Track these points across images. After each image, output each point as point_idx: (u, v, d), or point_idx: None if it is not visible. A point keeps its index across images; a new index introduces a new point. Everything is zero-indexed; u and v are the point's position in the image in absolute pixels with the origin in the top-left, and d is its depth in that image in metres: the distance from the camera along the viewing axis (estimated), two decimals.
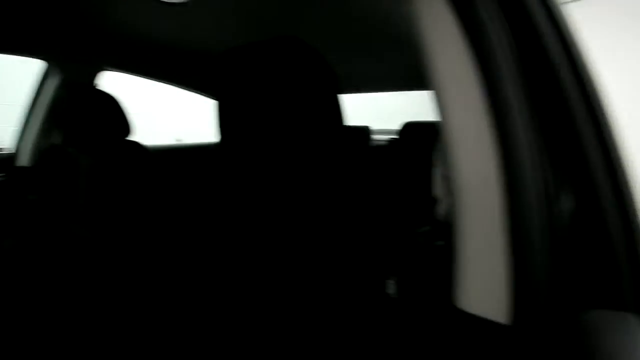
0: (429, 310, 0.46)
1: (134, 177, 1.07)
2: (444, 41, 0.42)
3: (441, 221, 0.46)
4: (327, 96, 0.56)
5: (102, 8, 1.03)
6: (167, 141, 2.17)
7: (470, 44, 0.37)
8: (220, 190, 0.64)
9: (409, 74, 1.68)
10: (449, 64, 0.39)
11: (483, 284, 0.33)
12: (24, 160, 1.36)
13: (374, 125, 2.21)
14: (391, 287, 0.46)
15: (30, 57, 1.29)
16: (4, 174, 1.34)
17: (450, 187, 0.41)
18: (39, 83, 1.39)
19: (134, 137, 1.17)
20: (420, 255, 0.48)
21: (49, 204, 1.21)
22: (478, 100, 0.37)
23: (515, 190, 0.33)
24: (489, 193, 0.36)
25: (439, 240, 0.46)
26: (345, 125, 0.59)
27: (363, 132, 2.11)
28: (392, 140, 2.08)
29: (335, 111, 0.57)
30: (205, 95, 2.03)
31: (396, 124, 2.10)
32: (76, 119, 1.05)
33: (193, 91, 1.96)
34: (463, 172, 0.39)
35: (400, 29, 1.10)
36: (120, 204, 1.01)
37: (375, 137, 2.28)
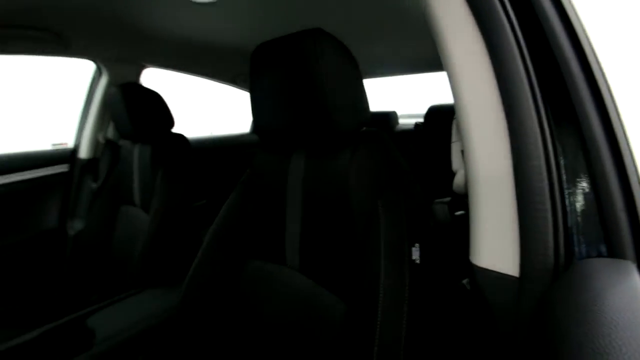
0: (448, 272, 0.51)
1: (181, 165, 1.18)
2: (457, 26, 0.46)
3: (459, 193, 0.51)
4: (354, 83, 0.61)
5: (142, 12, 1.12)
6: (203, 134, 2.30)
7: (483, 30, 0.41)
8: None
9: (428, 57, 1.67)
10: (462, 50, 0.43)
11: (497, 243, 0.38)
12: (84, 152, 1.53)
13: (401, 110, 2.22)
14: (415, 253, 0.52)
15: (81, 58, 1.44)
16: (68, 165, 1.52)
17: (465, 161, 0.46)
18: (91, 83, 1.55)
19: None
20: (441, 223, 0.53)
21: (108, 191, 1.37)
22: (490, 83, 0.40)
23: (521, 159, 0.37)
24: (501, 166, 0.40)
25: (458, 209, 0.51)
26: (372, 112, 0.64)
27: (389, 117, 2.13)
28: (418, 124, 2.08)
29: (363, 97, 0.63)
30: (237, 87, 2.13)
31: (423, 108, 2.09)
32: (127, 115, 1.17)
33: (226, 83, 2.05)
34: (477, 147, 0.44)
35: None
36: (170, 189, 1.12)
37: (403, 121, 2.29)
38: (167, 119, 1.23)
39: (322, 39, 0.57)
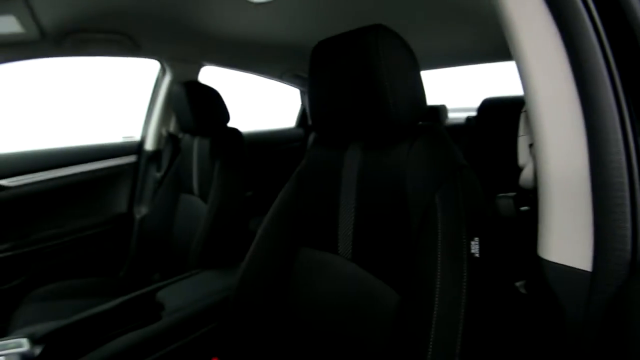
0: (508, 268, 0.50)
1: (236, 157, 1.26)
2: (529, 15, 0.44)
3: (526, 188, 0.50)
4: (413, 78, 0.61)
5: (203, 15, 1.21)
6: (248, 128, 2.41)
7: (558, 19, 0.39)
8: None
9: (485, 47, 1.59)
10: (535, 41, 0.41)
11: (569, 237, 0.37)
12: (149, 145, 1.68)
13: (450, 103, 2.14)
14: (474, 247, 0.51)
15: (148, 59, 1.58)
16: (136, 156, 1.69)
17: (535, 155, 0.45)
18: (156, 81, 1.70)
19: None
20: (505, 218, 0.52)
21: (169, 180, 1.49)
22: (567, 76, 0.39)
23: (600, 154, 0.35)
24: (576, 161, 0.39)
25: (523, 205, 0.50)
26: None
27: (438, 111, 2.06)
28: (470, 118, 2.00)
29: (421, 91, 0.63)
30: (283, 83, 2.20)
31: (473, 101, 2.00)
32: (189, 110, 1.27)
33: (273, 80, 2.13)
34: (551, 141, 0.42)
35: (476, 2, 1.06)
36: (226, 179, 1.20)
37: (452, 115, 2.20)
38: (225, 113, 1.31)
39: (384, 35, 0.58)
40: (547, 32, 0.43)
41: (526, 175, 0.49)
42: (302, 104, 2.52)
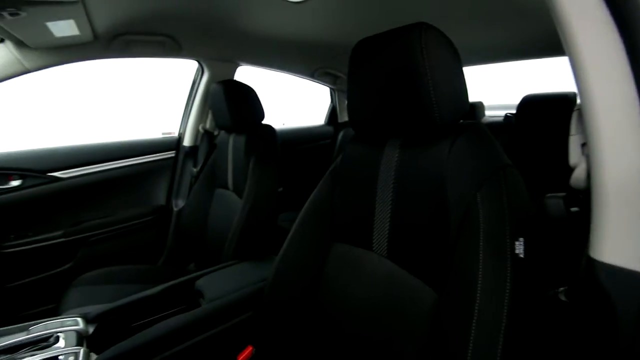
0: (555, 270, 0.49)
1: (270, 153, 1.29)
2: (586, 11, 0.42)
3: (577, 188, 0.48)
4: (456, 76, 0.60)
5: (240, 15, 1.24)
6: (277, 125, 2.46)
7: (617, 16, 0.37)
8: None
9: (527, 43, 1.52)
10: (592, 39, 0.40)
11: (626, 238, 0.36)
12: (187, 141, 1.76)
13: (487, 100, 2.07)
14: (519, 248, 0.50)
15: (188, 59, 1.65)
16: (173, 152, 1.77)
17: (588, 154, 0.43)
18: (194, 80, 1.77)
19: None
20: (553, 218, 0.50)
21: (205, 175, 1.56)
22: (625, 75, 0.37)
23: None
24: (636, 161, 0.37)
25: (573, 206, 0.48)
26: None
27: (475, 108, 2.00)
28: (509, 116, 1.92)
29: (464, 89, 0.62)
30: (314, 81, 2.21)
31: (510, 98, 1.92)
32: (227, 108, 1.31)
33: (305, 78, 2.15)
34: (608, 142, 0.41)
35: None
36: (261, 175, 1.23)
37: (489, 113, 2.13)
38: (260, 111, 1.35)
39: (428, 33, 0.57)
40: (605, 28, 0.41)
41: (578, 175, 0.47)
42: (332, 102, 2.53)
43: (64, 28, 1.02)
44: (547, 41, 1.39)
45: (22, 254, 1.37)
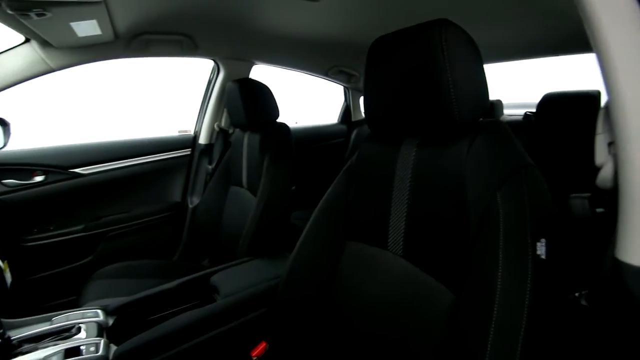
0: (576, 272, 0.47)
1: (285, 152, 1.29)
2: (615, 5, 0.41)
3: (604, 188, 0.46)
4: (477, 73, 0.59)
5: (256, 14, 1.25)
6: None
7: None
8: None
9: (550, 39, 1.48)
10: (620, 32, 0.38)
11: None
12: (202, 139, 1.79)
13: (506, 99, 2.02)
14: (540, 249, 0.49)
15: (204, 58, 1.68)
16: (190, 149, 1.80)
17: (615, 153, 0.42)
18: (210, 79, 1.79)
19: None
20: (578, 219, 0.49)
21: (220, 173, 1.58)
22: None
23: None
24: None
25: (599, 207, 0.46)
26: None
27: (493, 106, 1.96)
28: (529, 114, 1.87)
29: (484, 87, 0.61)
30: (328, 79, 2.21)
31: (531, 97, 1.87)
32: (242, 106, 1.33)
33: (318, 76, 2.15)
34: (636, 143, 0.39)
35: None
36: (275, 173, 1.24)
37: (508, 112, 2.08)
38: (275, 109, 1.36)
39: (448, 29, 0.56)
40: (635, 23, 0.40)
41: (605, 175, 0.46)
42: (346, 101, 2.52)
43: (87, 28, 1.05)
44: (572, 38, 1.35)
45: (44, 248, 1.42)
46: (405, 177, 0.67)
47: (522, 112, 1.99)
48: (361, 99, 2.57)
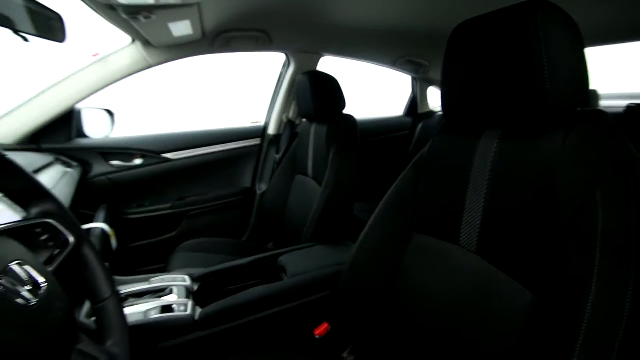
0: None
1: (351, 143, 1.31)
2: None
3: None
4: (578, 58, 0.54)
5: (326, 6, 1.27)
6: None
7: None
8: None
9: None
10: None
11: None
12: (271, 129, 1.89)
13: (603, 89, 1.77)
14: None
15: (277, 52, 1.76)
16: (259, 139, 1.93)
17: None
18: (281, 71, 1.88)
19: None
20: None
21: (286, 162, 1.66)
22: None
23: None
24: None
25: None
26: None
27: (589, 96, 1.73)
28: (633, 106, 1.61)
29: (585, 73, 0.55)
30: (396, 70, 2.16)
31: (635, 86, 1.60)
32: (311, 98, 1.37)
33: (386, 67, 2.11)
34: None
35: None
36: (341, 164, 1.27)
37: (605, 103, 1.82)
38: (342, 101, 1.38)
39: (546, 11, 0.52)
40: None
41: None
42: (413, 92, 2.44)
43: (181, 28, 1.18)
44: None
45: (140, 221, 1.65)
46: (484, 170, 0.64)
47: (622, 103, 1.72)
48: (429, 90, 2.46)
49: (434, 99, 2.50)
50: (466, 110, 0.66)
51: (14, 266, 0.41)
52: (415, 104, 2.44)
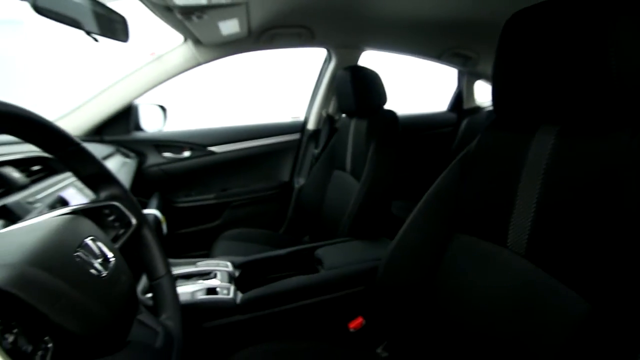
0: None
1: (391, 139, 1.29)
2: None
3: None
4: None
5: (365, 0, 1.26)
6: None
7: None
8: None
9: None
10: None
11: None
12: (311, 124, 1.92)
13: None
14: None
15: (319, 47, 1.78)
16: (299, 134, 1.96)
17: None
18: (322, 67, 1.90)
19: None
20: None
21: (325, 157, 1.67)
22: None
23: None
24: None
25: None
26: None
27: None
28: None
29: None
30: (441, 63, 2.08)
31: None
32: (352, 93, 1.37)
33: (430, 60, 2.04)
34: None
35: None
36: (380, 160, 1.26)
37: None
38: (383, 96, 1.36)
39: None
40: None
41: None
42: (459, 86, 2.33)
43: (229, 26, 1.24)
44: None
45: (187, 209, 1.76)
46: (538, 169, 0.60)
47: None
48: (476, 84, 2.34)
49: (480, 94, 2.38)
50: (521, 104, 0.62)
51: (89, 241, 0.46)
52: (461, 99, 2.33)
